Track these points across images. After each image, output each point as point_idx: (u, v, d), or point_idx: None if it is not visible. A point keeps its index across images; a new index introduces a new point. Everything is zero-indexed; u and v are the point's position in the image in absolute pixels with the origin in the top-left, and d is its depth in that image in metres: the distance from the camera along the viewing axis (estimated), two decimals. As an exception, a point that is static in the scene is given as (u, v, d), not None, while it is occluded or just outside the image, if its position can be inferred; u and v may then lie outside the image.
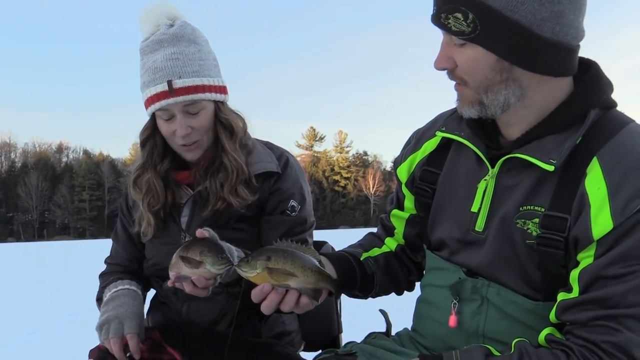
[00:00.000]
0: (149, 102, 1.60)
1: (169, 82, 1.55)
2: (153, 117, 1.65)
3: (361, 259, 1.44)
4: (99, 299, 1.74)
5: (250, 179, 1.66)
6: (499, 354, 1.09)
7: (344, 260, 1.40)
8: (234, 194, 1.63)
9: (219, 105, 1.66)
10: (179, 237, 1.69)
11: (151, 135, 1.68)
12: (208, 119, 1.63)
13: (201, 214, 1.67)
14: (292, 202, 1.70)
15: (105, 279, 1.80)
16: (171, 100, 1.56)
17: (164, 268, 1.41)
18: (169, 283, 1.36)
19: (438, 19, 1.12)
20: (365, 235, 1.57)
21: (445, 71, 1.18)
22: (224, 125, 1.66)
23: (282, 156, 1.75)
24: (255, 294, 1.17)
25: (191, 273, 1.32)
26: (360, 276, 1.40)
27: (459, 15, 1.08)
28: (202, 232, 1.35)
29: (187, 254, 1.32)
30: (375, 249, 1.49)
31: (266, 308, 1.18)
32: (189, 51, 1.59)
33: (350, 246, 1.53)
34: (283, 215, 1.69)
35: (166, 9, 1.62)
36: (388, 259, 1.48)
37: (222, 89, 1.66)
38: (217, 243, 1.34)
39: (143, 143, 1.70)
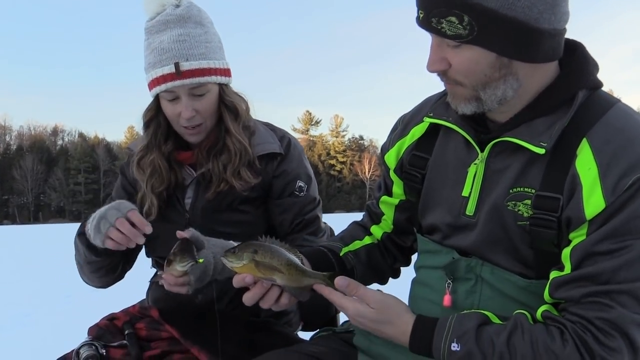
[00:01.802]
0: (154, 83, 1.58)
1: (176, 64, 1.53)
2: (157, 97, 1.63)
3: (341, 254, 1.43)
4: (82, 234, 1.59)
5: (253, 160, 1.66)
6: (499, 321, 1.10)
7: (322, 256, 1.39)
8: (237, 177, 1.62)
9: (223, 88, 1.65)
10: (182, 218, 1.69)
11: (155, 116, 1.67)
12: (213, 101, 1.62)
13: (204, 196, 1.67)
14: (300, 183, 1.71)
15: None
16: (178, 82, 1.54)
17: (168, 249, 1.43)
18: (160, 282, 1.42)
19: (428, 23, 1.09)
20: (349, 225, 1.56)
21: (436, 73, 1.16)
22: (229, 108, 1.65)
23: (284, 137, 1.76)
24: (236, 280, 1.21)
25: (165, 271, 1.39)
26: (340, 272, 1.40)
27: (453, 19, 1.05)
28: (181, 234, 1.38)
29: (169, 254, 1.39)
30: (357, 242, 1.48)
31: (248, 299, 1.21)
32: (195, 33, 1.57)
33: (331, 239, 1.53)
34: (292, 197, 1.70)
35: None
36: (370, 252, 1.48)
37: (227, 72, 1.65)
38: (191, 242, 1.38)
39: (147, 124, 1.68)
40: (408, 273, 1.54)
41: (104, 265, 1.64)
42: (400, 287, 1.61)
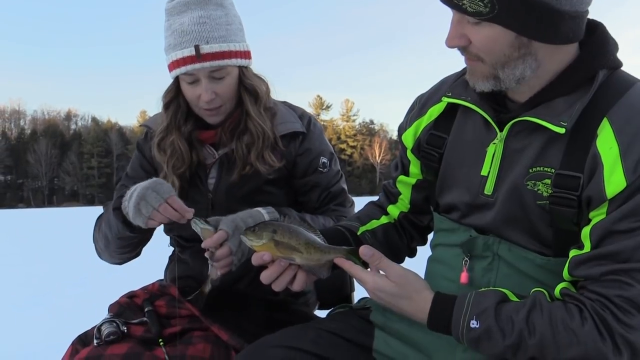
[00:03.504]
0: (174, 65, 1.58)
1: (197, 47, 1.53)
2: (176, 79, 1.64)
3: (358, 233, 1.44)
4: (117, 209, 1.56)
5: (276, 142, 1.67)
6: (517, 299, 1.11)
7: (340, 235, 1.40)
8: (261, 161, 1.63)
9: (243, 71, 1.65)
10: (205, 199, 1.70)
11: (175, 97, 1.67)
12: (232, 84, 1.62)
13: (229, 178, 1.68)
14: (323, 159, 1.73)
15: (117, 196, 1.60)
16: (197, 65, 1.54)
17: (187, 227, 1.45)
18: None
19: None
20: (366, 205, 1.57)
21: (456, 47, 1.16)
22: (249, 91, 1.65)
23: (304, 115, 1.77)
24: (254, 258, 1.24)
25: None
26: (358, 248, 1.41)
27: None
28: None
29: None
30: (374, 221, 1.49)
31: (266, 277, 1.24)
32: (216, 15, 1.56)
33: (348, 219, 1.53)
34: (317, 173, 1.72)
35: None
36: (387, 231, 1.48)
37: (247, 54, 1.65)
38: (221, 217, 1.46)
39: (167, 105, 1.68)
40: (423, 252, 1.55)
41: (134, 242, 1.64)
42: (415, 265, 1.62)
